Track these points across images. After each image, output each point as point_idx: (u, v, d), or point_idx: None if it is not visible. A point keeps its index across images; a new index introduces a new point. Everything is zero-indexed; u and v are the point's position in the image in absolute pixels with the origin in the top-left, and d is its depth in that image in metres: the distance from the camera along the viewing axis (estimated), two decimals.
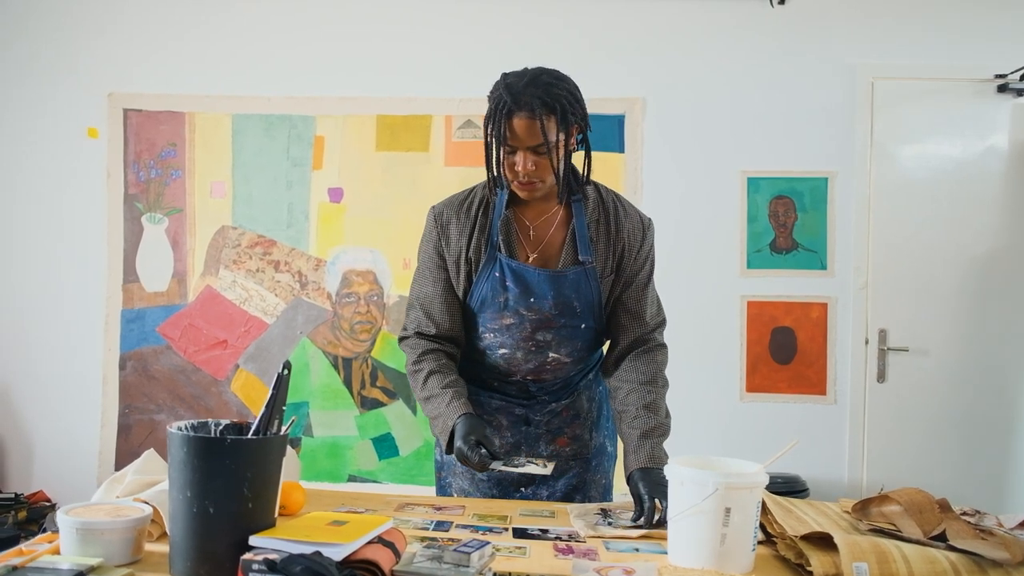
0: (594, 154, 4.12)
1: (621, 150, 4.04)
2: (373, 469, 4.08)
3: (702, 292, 4.00)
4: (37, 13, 4.19)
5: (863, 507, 1.78)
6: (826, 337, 3.97)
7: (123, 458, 4.14)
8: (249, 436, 1.46)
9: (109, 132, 4.14)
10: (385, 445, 4.08)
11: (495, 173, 1.90)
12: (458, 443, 1.82)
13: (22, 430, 4.19)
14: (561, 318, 1.96)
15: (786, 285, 3.98)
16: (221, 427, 1.54)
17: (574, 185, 1.97)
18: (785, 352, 3.98)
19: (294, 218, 4.12)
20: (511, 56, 4.09)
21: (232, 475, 1.30)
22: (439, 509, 1.83)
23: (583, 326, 1.99)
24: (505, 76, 1.85)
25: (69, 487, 4.12)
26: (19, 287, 4.20)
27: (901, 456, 3.92)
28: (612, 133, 4.04)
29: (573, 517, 1.76)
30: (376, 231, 4.09)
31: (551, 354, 2.01)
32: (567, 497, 2.08)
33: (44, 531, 3.44)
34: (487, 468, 1.78)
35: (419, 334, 2.03)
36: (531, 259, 1.96)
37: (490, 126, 1.83)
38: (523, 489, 2.09)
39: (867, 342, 3.94)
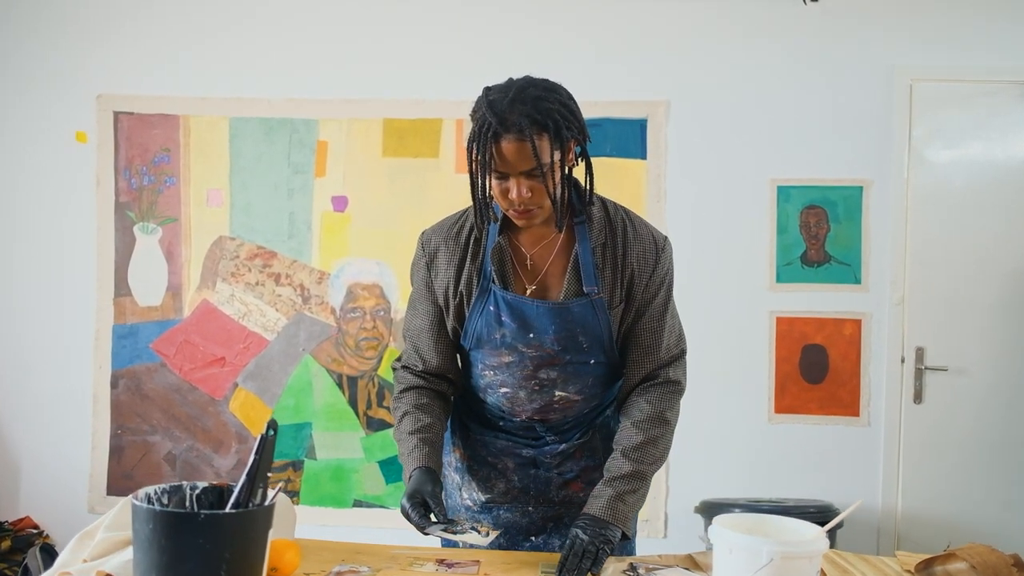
0: (614, 161, 3.91)
1: (643, 156, 3.80)
2: (380, 494, 3.87)
3: (728, 307, 3.78)
4: (20, 8, 3.94)
5: (926, 566, 1.64)
6: (860, 355, 3.75)
7: (115, 481, 3.93)
8: (228, 509, 1.28)
9: (99, 136, 3.90)
10: (393, 468, 3.85)
11: (483, 204, 1.70)
12: (403, 499, 1.68)
13: (7, 452, 3.96)
14: (566, 354, 1.77)
15: (818, 300, 3.76)
16: (198, 491, 1.36)
17: (577, 205, 1.77)
18: (816, 371, 3.76)
19: (296, 228, 3.88)
20: (526, 55, 3.89)
21: (207, 557, 1.10)
22: (451, 567, 1.68)
23: (592, 362, 1.80)
24: (487, 92, 1.65)
25: (58, 512, 3.90)
26: (3, 300, 3.97)
27: (938, 482, 3.71)
28: (633, 138, 3.81)
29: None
30: (383, 242, 3.86)
31: (558, 392, 1.82)
32: None
33: (27, 571, 3.22)
34: (424, 531, 1.64)
35: (407, 368, 1.90)
36: (529, 291, 1.77)
37: (475, 151, 1.62)
38: (533, 538, 1.92)
39: (903, 361, 3.72)
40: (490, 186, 1.66)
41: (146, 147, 3.90)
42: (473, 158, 1.64)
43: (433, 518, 1.64)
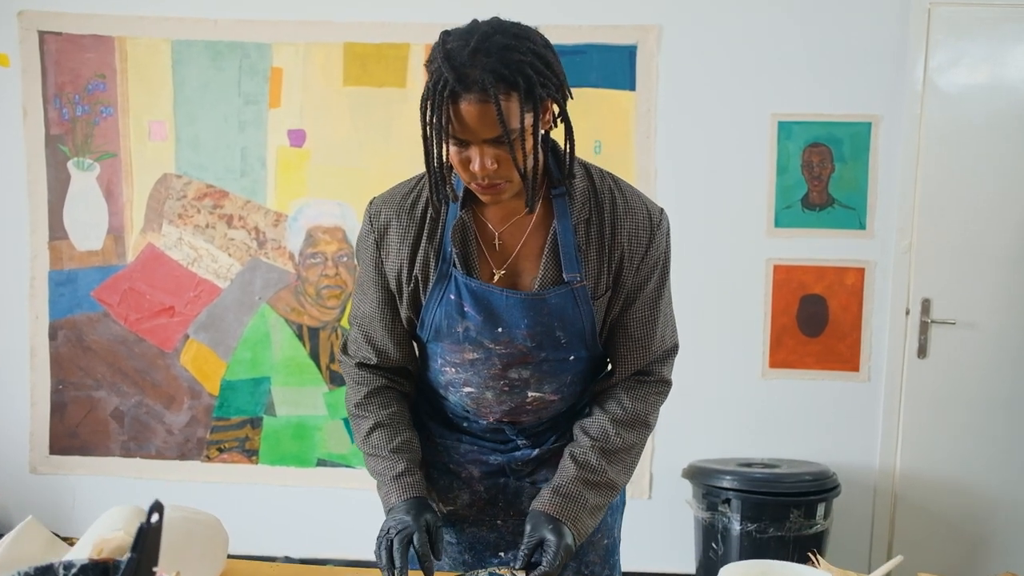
0: (599, 92, 3.52)
1: (632, 88, 3.44)
2: (345, 453, 3.60)
3: (722, 254, 3.47)
4: None
5: None
6: (861, 307, 3.48)
7: (59, 440, 3.64)
8: None
9: (23, 60, 3.48)
10: None
11: (439, 176, 1.38)
12: (392, 536, 1.41)
13: None
14: (540, 351, 1.48)
15: (819, 247, 3.46)
16: (74, 570, 1.06)
17: (555, 174, 1.45)
18: (815, 323, 3.49)
19: (248, 165, 3.51)
20: None
21: None
22: None
23: (571, 358, 1.51)
24: (445, 39, 1.31)
25: None
26: None
27: (941, 441, 3.48)
28: (621, 67, 3.44)
29: None
30: (345, 181, 3.50)
31: (531, 393, 1.53)
32: None
33: None
34: None
35: (363, 365, 1.58)
36: (497, 277, 1.47)
37: (428, 112, 1.31)
38: (503, 554, 1.64)
39: (908, 313, 3.45)
40: (448, 154, 1.34)
41: (78, 73, 3.49)
42: (427, 121, 1.31)
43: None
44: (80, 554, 1.28)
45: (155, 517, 0.97)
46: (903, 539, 3.52)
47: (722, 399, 3.50)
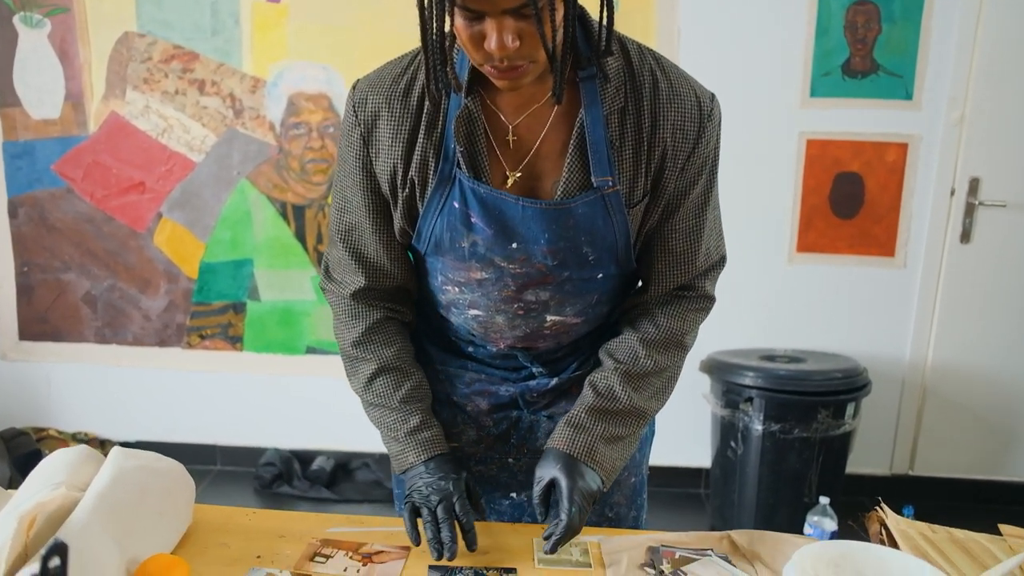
0: None
1: None
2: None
3: (750, 126, 3.12)
4: None
5: None
6: (902, 186, 3.15)
7: (28, 326, 3.38)
8: None
9: None
10: None
11: (439, 58, 1.05)
12: (421, 497, 1.21)
13: None
14: (562, 270, 1.19)
15: (858, 119, 3.10)
16: None
17: (584, 52, 1.11)
18: (849, 204, 3.17)
19: (220, 23, 3.11)
20: None
21: None
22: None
23: (599, 276, 1.22)
24: None
25: None
26: None
27: (978, 333, 3.22)
28: None
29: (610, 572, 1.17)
30: (330, 41, 3.10)
31: (550, 317, 1.25)
32: None
33: None
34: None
35: (354, 295, 1.27)
36: (512, 181, 1.17)
37: None
38: (514, 495, 1.40)
39: (953, 193, 3.13)
40: (452, 29, 1.01)
41: None
42: None
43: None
44: (9, 518, 1.02)
45: (55, 561, 0.70)
46: (930, 436, 3.32)
47: (745, 285, 3.21)
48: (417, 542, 1.19)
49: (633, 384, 1.26)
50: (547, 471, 1.21)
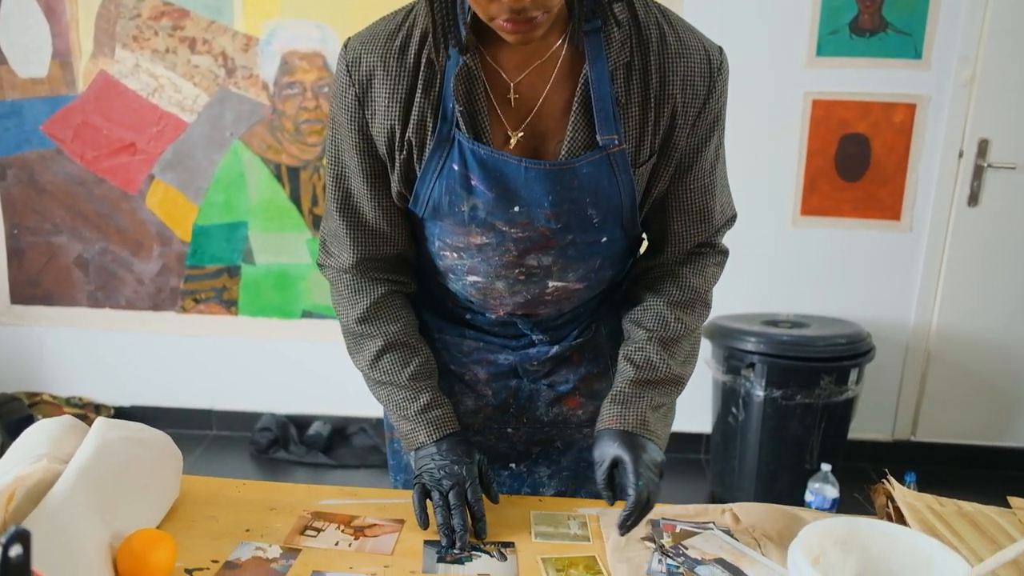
0: None
1: None
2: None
3: (754, 86, 3.05)
4: None
5: None
6: (909, 148, 3.08)
7: (20, 289, 3.34)
8: None
9: None
10: None
11: (445, 11, 1.01)
12: (433, 477, 1.17)
13: None
14: (566, 233, 1.13)
15: (866, 79, 3.03)
16: None
17: (588, 3, 1.05)
18: (855, 166, 3.11)
19: None
20: None
21: None
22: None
23: (604, 239, 1.17)
24: None
25: None
26: None
27: (984, 297, 3.18)
28: None
29: (611, 550, 1.12)
30: None
31: (552, 283, 1.20)
32: (576, 477, 1.37)
33: None
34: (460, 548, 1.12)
35: (355, 268, 1.23)
36: (514, 141, 1.10)
37: None
38: (513, 466, 1.37)
39: (961, 155, 3.06)
40: None
41: None
42: None
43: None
44: None
45: (16, 550, 0.65)
46: (933, 400, 3.29)
47: (747, 249, 3.13)
48: (425, 525, 1.15)
49: (668, 350, 1.22)
50: (606, 451, 1.16)
